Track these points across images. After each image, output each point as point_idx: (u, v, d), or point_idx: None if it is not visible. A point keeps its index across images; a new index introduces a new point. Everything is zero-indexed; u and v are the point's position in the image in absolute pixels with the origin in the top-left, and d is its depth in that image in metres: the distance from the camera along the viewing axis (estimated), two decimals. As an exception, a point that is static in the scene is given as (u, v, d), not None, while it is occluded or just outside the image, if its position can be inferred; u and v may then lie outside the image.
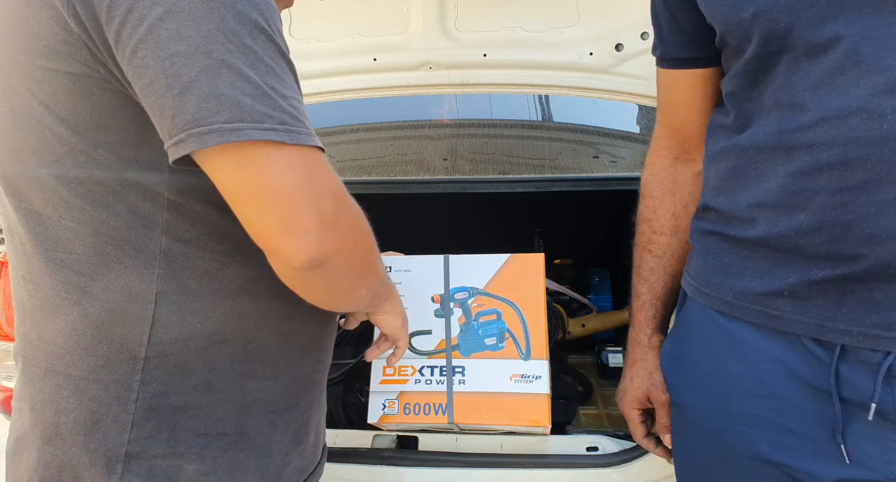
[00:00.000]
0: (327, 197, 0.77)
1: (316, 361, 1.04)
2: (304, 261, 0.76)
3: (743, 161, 0.98)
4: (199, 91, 0.71)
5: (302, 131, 0.76)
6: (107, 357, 0.86)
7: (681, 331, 1.16)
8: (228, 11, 0.73)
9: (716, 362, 1.06)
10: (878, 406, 0.89)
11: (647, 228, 1.23)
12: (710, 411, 1.07)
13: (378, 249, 0.92)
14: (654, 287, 1.23)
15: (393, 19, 1.80)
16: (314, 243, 0.76)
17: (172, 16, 0.71)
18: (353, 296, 0.92)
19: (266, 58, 0.75)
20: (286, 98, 0.76)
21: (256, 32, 0.75)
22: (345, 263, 0.82)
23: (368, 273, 0.91)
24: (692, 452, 1.15)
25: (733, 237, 1.01)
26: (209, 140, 0.71)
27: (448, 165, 2.61)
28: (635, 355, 1.25)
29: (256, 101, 0.73)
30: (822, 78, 0.86)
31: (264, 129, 0.72)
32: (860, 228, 0.85)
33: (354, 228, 0.83)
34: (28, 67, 0.79)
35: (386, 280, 1.05)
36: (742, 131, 0.98)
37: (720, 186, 1.03)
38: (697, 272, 1.10)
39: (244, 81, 0.72)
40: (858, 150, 0.83)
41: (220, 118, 0.71)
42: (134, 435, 0.86)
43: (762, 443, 1.00)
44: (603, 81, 1.79)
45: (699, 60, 1.07)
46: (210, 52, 0.71)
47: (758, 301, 0.98)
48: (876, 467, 0.92)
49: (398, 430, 1.59)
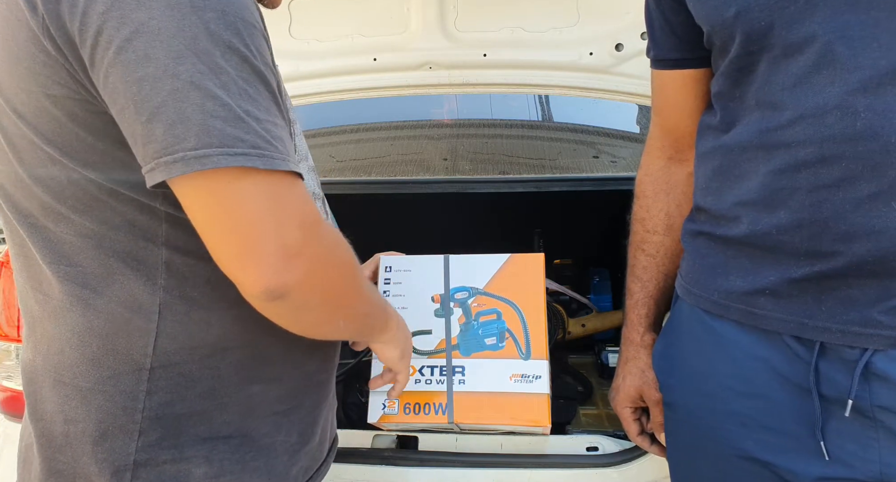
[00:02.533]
0: (293, 226, 0.74)
1: (322, 360, 1.04)
2: (261, 291, 0.74)
3: (728, 160, 0.99)
4: (167, 117, 0.69)
5: (275, 156, 0.73)
6: (113, 368, 0.86)
7: (671, 331, 1.17)
8: (200, 31, 0.70)
9: (703, 361, 1.07)
10: (855, 402, 0.90)
11: (641, 227, 1.24)
12: (699, 410, 1.08)
13: (361, 280, 0.90)
14: (646, 286, 1.24)
15: (393, 19, 1.80)
16: (272, 274, 0.73)
17: (140, 36, 0.69)
18: (326, 328, 0.89)
19: (240, 80, 0.72)
20: (260, 121, 0.73)
21: (230, 53, 0.72)
22: (310, 297, 0.79)
23: (342, 307, 0.88)
24: (684, 452, 1.16)
25: (719, 236, 1.02)
26: (175, 169, 0.69)
27: (448, 165, 2.61)
28: (628, 353, 1.26)
29: (227, 124, 0.70)
30: (800, 77, 0.87)
31: (233, 154, 0.70)
32: (836, 225, 0.86)
33: (325, 260, 0.80)
34: (13, 90, 0.78)
35: (377, 311, 1.01)
36: (727, 131, 0.99)
37: (708, 186, 1.04)
38: (687, 272, 1.11)
39: (214, 103, 0.70)
40: (834, 148, 0.85)
41: (187, 145, 0.69)
42: (141, 443, 0.86)
43: (748, 442, 1.01)
44: (603, 81, 1.79)
45: (690, 61, 1.08)
46: (178, 74, 0.69)
47: (741, 300, 0.99)
48: (855, 464, 0.93)
49: (398, 430, 1.59)
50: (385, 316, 1.04)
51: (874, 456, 0.91)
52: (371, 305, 0.98)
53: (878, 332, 0.87)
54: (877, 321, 0.87)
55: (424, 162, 2.66)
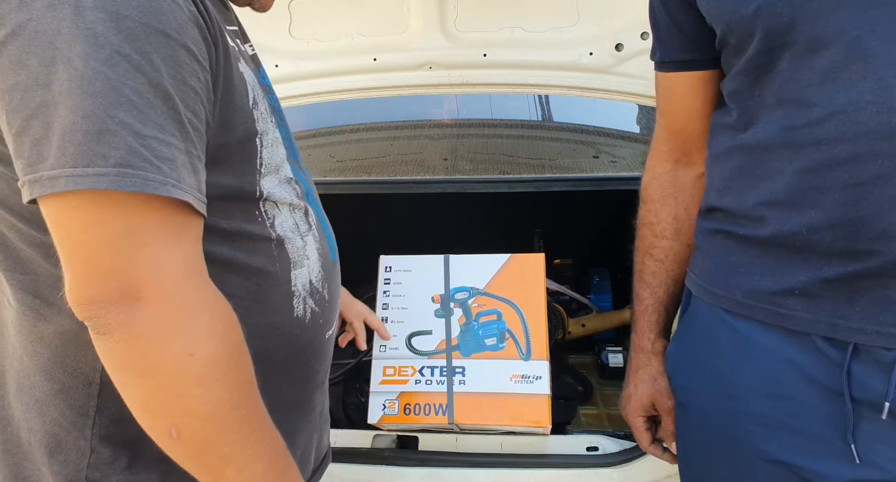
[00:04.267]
0: (145, 264, 0.66)
1: (301, 381, 0.97)
2: (88, 324, 0.67)
3: (749, 160, 0.97)
4: (34, 131, 0.64)
5: (151, 177, 0.65)
6: (62, 381, 0.83)
7: (687, 332, 1.15)
8: (81, 33, 0.63)
9: (723, 362, 1.05)
10: (893, 405, 0.88)
11: (649, 232, 1.22)
12: (717, 411, 1.06)
13: (245, 396, 0.72)
14: (656, 291, 1.22)
15: (393, 19, 1.80)
16: (97, 312, 0.66)
17: (16, 39, 0.63)
18: (154, 424, 0.72)
19: (125, 89, 0.64)
20: (141, 137, 0.65)
21: (118, 59, 0.64)
22: (137, 361, 0.68)
23: (181, 412, 0.70)
24: (697, 453, 1.14)
25: (741, 236, 1.00)
26: (35, 190, 0.65)
27: (448, 165, 2.61)
28: (639, 361, 1.23)
29: (89, 138, 0.63)
30: (827, 73, 0.85)
31: (86, 175, 0.63)
32: (873, 224, 0.84)
33: (174, 323, 0.68)
34: None
35: (255, 463, 0.74)
36: (746, 130, 0.98)
37: (726, 186, 1.02)
38: (703, 271, 1.09)
39: (79, 115, 0.63)
40: (869, 145, 0.83)
41: (45, 165, 0.64)
42: (93, 460, 0.83)
43: (771, 444, 0.99)
44: (603, 81, 1.79)
45: (699, 63, 1.07)
46: (50, 84, 0.63)
47: (767, 300, 0.97)
48: (887, 467, 0.91)
49: (398, 430, 1.59)
50: (259, 463, 0.76)
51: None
52: (245, 446, 0.73)
53: None
54: None
55: (424, 162, 2.66)
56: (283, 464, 0.79)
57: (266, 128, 0.88)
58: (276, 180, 0.91)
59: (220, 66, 0.77)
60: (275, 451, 0.77)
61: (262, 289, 0.87)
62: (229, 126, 0.81)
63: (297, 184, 0.97)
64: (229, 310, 0.74)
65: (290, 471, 0.80)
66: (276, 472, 0.77)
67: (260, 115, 0.86)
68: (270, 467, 0.76)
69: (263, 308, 0.79)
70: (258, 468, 0.75)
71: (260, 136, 0.86)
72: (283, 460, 0.79)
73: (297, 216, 0.95)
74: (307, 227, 0.97)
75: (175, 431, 0.71)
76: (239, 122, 0.82)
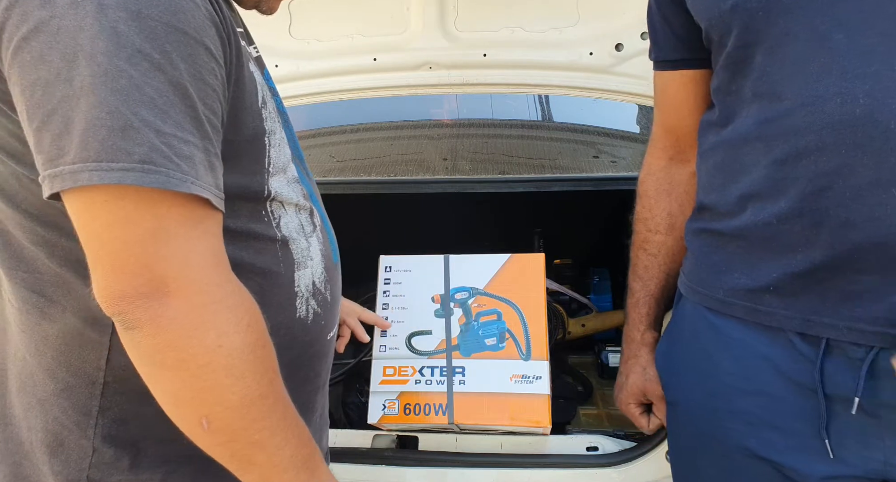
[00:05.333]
0: (171, 260, 0.67)
1: (305, 382, 0.97)
2: (117, 319, 0.68)
3: (729, 155, 0.99)
4: (55, 126, 0.64)
5: (173, 174, 0.66)
6: (66, 381, 0.83)
7: (674, 330, 1.17)
8: (104, 31, 0.64)
9: (706, 359, 1.07)
10: (862, 401, 0.90)
11: (643, 227, 1.25)
12: (702, 409, 1.09)
13: (259, 378, 0.72)
14: (647, 285, 1.24)
15: (393, 19, 1.80)
16: (127, 307, 0.67)
17: (38, 35, 0.64)
18: (183, 413, 0.73)
19: (146, 86, 0.65)
20: (162, 134, 0.66)
21: (139, 58, 0.65)
22: (165, 355, 0.68)
23: (211, 402, 0.71)
24: (686, 450, 1.16)
25: (720, 232, 1.02)
26: (56, 184, 0.65)
27: (448, 165, 2.61)
28: (629, 352, 1.27)
29: (113, 134, 0.64)
30: (797, 66, 0.87)
31: (111, 170, 0.64)
32: (836, 213, 0.86)
33: (202, 315, 0.69)
34: None
35: (283, 450, 0.76)
36: (727, 125, 1.00)
37: (711, 182, 1.05)
38: (690, 271, 1.12)
39: (103, 110, 0.64)
40: (833, 135, 0.85)
41: (67, 159, 0.64)
42: (95, 460, 0.83)
43: (752, 440, 1.01)
44: (603, 81, 1.79)
45: (690, 62, 1.09)
46: (71, 79, 0.64)
47: (746, 297, 0.99)
48: (859, 463, 0.93)
49: (398, 430, 1.59)
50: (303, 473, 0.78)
51: (878, 454, 0.91)
52: (273, 433, 0.75)
53: (885, 330, 0.87)
54: (883, 318, 0.87)
55: (424, 162, 2.66)
56: (310, 450, 0.80)
57: (274, 127, 0.89)
58: (284, 180, 0.91)
59: (233, 64, 0.78)
60: (300, 438, 0.78)
61: (265, 290, 0.87)
62: (239, 124, 0.81)
63: (302, 185, 0.97)
64: (253, 301, 0.75)
65: (316, 456, 0.81)
66: (302, 458, 0.78)
67: (268, 115, 0.87)
68: (297, 452, 0.77)
69: (266, 308, 0.79)
70: (286, 454, 0.76)
71: (268, 135, 0.87)
72: (309, 446, 0.80)
73: (303, 217, 0.96)
74: (312, 228, 0.97)
75: (206, 422, 0.71)
76: (248, 120, 0.83)
